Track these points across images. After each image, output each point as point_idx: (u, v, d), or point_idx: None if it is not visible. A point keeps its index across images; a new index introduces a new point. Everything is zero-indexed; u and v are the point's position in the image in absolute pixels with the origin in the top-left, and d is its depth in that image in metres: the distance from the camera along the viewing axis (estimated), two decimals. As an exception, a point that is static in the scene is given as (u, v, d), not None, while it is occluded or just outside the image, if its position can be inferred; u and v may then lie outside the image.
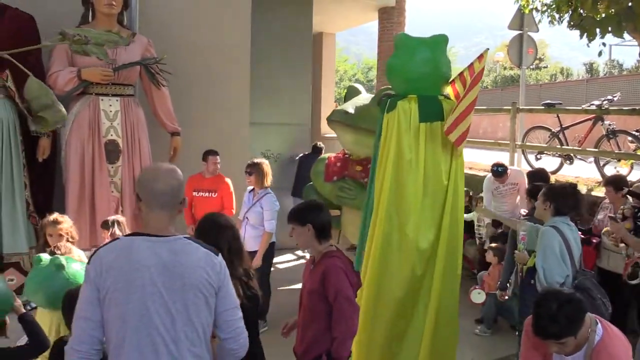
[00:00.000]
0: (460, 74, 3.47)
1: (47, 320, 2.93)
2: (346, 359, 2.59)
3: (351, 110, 4.81)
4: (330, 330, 2.61)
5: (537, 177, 5.19)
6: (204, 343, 1.95)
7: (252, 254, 4.70)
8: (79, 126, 4.92)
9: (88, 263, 1.91)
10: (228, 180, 5.59)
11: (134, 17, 5.64)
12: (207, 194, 5.54)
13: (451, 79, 3.55)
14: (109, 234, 4.04)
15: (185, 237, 1.99)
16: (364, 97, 5.11)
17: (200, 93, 6.46)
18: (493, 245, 5.25)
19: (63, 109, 1.67)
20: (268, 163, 5.26)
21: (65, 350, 1.86)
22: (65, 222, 3.65)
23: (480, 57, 3.41)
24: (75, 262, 3.10)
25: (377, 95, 4.72)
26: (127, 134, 5.15)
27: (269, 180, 5.13)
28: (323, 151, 8.39)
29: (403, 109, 3.30)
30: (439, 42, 3.40)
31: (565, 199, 3.53)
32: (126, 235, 2.02)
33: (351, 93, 5.32)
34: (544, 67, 25.23)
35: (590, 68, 24.64)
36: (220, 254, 2.04)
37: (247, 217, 5.05)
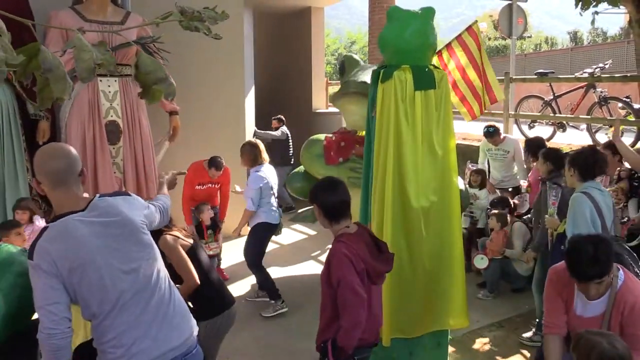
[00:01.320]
0: (448, 46, 3.55)
1: None
2: (352, 348, 2.50)
3: (367, 80, 4.39)
4: (338, 318, 2.52)
5: (535, 145, 5.28)
6: (157, 260, 2.17)
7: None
8: (78, 108, 4.89)
9: (31, 259, 1.93)
10: (228, 169, 5.64)
11: (126, -4, 5.58)
12: (210, 185, 5.58)
13: (437, 50, 3.63)
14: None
15: (99, 197, 2.11)
16: (369, 67, 4.88)
17: (197, 71, 6.44)
18: (495, 211, 5.31)
19: (174, 83, 1.67)
20: (256, 142, 5.13)
21: (40, 338, 1.92)
22: None
23: (469, 29, 3.51)
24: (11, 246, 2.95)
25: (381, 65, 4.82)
26: (127, 114, 5.13)
27: (260, 159, 4.97)
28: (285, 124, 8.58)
29: (399, 79, 3.39)
30: (428, 14, 3.53)
31: (585, 162, 3.53)
32: (51, 220, 2.04)
33: (350, 64, 5.07)
34: (528, 37, 25.25)
35: (575, 37, 24.75)
36: (130, 194, 2.26)
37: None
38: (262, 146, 5.07)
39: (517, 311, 4.83)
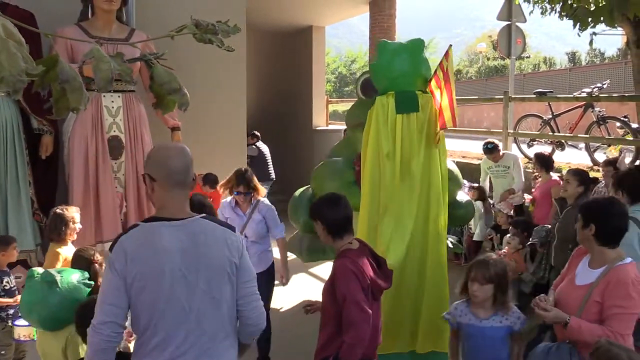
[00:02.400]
0: (434, 73, 3.67)
1: (53, 345, 2.75)
2: None
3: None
4: (341, 334, 2.49)
5: (544, 159, 5.38)
6: (228, 319, 2.00)
7: (260, 275, 3.30)
8: (81, 123, 4.93)
9: (110, 251, 1.91)
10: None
11: (130, 13, 5.65)
12: None
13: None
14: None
15: (202, 217, 2.01)
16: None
17: (199, 89, 6.49)
18: (516, 232, 5.10)
19: (187, 94, 1.72)
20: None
21: (88, 331, 1.89)
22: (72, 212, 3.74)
23: (446, 55, 3.64)
24: (74, 273, 2.88)
25: (357, 80, 4.99)
26: (130, 129, 5.16)
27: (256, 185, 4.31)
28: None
29: (381, 103, 3.58)
30: (416, 45, 3.74)
31: (635, 183, 3.38)
32: (145, 221, 1.99)
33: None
34: (527, 57, 25.50)
35: (573, 57, 25.00)
36: (236, 229, 2.10)
37: (245, 236, 4.11)
38: None
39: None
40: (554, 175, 5.59)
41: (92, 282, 2.88)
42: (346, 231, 2.64)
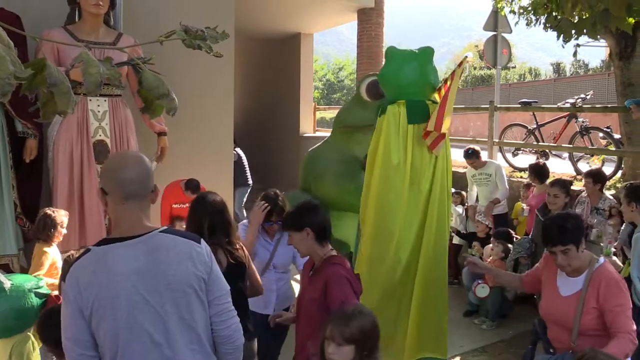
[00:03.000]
0: (445, 81, 3.66)
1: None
2: None
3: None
4: None
5: (539, 169, 5.46)
6: (204, 338, 1.84)
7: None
8: (67, 126, 4.88)
9: (63, 281, 1.77)
10: (205, 189, 5.63)
11: (118, 17, 5.63)
12: (186, 205, 5.56)
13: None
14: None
15: (160, 231, 1.83)
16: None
17: (186, 93, 6.48)
18: (499, 241, 5.29)
19: (176, 99, 1.71)
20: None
21: None
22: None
23: (460, 64, 3.63)
24: (29, 280, 2.86)
25: (362, 81, 4.94)
26: (116, 134, 5.13)
27: None
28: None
29: (392, 113, 3.50)
30: (426, 53, 3.65)
31: None
32: (97, 245, 1.80)
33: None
34: (513, 67, 25.79)
35: (558, 68, 25.34)
36: (202, 240, 1.91)
37: (273, 266, 3.52)
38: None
39: (501, 336, 4.86)
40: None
41: (47, 292, 2.83)
42: (328, 237, 2.64)
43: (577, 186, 6.01)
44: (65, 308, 1.73)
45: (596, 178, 5.01)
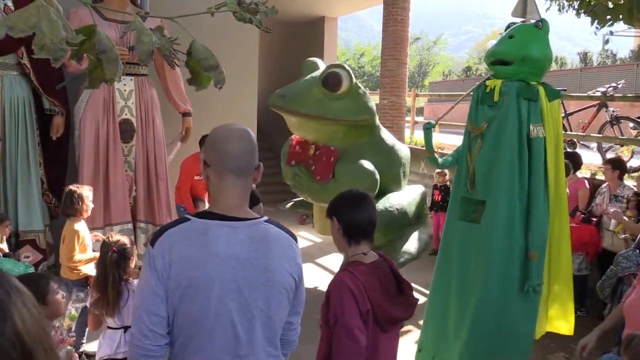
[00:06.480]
0: None
1: None
2: None
3: (287, 94, 4.55)
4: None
5: (570, 159, 5.38)
6: (278, 341, 1.71)
7: None
8: (93, 105, 4.91)
9: (152, 246, 1.58)
10: None
11: (145, -4, 5.63)
12: None
13: None
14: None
15: (265, 221, 1.69)
16: (312, 76, 4.75)
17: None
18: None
19: (224, 72, 1.67)
20: None
21: (129, 344, 1.64)
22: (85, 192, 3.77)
23: None
24: (18, 267, 2.97)
25: (322, 73, 4.66)
26: (141, 113, 5.15)
27: None
28: None
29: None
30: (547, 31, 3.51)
31: None
32: (197, 216, 1.65)
33: (308, 68, 4.95)
34: (537, 56, 25.41)
35: (585, 57, 24.87)
36: (297, 238, 1.78)
37: None
38: None
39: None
40: (580, 175, 5.59)
41: None
42: (365, 237, 2.16)
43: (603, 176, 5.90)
44: (149, 276, 1.56)
45: (615, 164, 4.98)
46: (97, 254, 3.11)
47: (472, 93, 3.63)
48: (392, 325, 2.11)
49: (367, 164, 4.70)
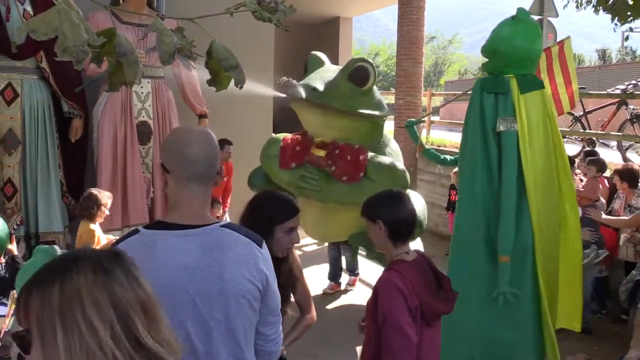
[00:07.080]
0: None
1: None
2: None
3: (320, 87, 4.14)
4: (380, 358, 2.08)
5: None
6: (246, 346, 1.62)
7: None
8: (111, 107, 4.96)
9: None
10: (232, 163, 6.22)
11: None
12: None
13: None
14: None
15: (222, 226, 1.59)
16: (331, 70, 4.51)
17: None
18: None
19: (244, 71, 1.68)
20: None
21: None
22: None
23: (560, 43, 3.56)
24: None
25: (348, 67, 4.39)
26: (159, 115, 5.19)
27: None
28: None
29: (542, 93, 3.35)
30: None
31: None
32: (147, 227, 1.59)
33: (313, 63, 4.71)
34: (555, 54, 25.12)
35: (604, 55, 24.53)
36: (264, 243, 1.65)
37: None
38: None
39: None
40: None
41: None
42: (410, 235, 2.21)
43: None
44: None
45: (623, 175, 4.71)
46: None
47: (469, 92, 3.62)
48: (436, 319, 2.17)
49: (398, 162, 4.51)
